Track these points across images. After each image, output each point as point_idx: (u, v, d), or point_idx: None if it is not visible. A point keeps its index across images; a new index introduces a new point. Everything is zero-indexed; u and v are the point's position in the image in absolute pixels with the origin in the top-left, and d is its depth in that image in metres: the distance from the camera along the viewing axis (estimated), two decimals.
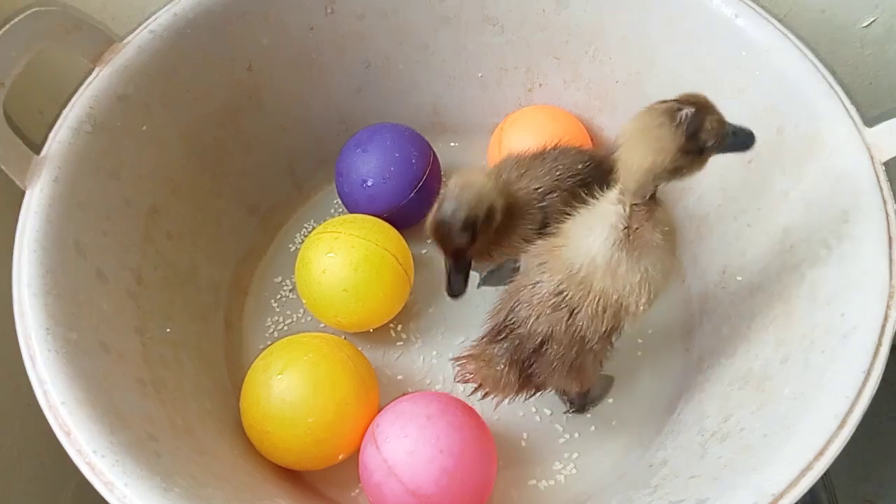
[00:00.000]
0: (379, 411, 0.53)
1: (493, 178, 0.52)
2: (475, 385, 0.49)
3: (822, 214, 0.48)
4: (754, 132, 0.41)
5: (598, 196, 0.45)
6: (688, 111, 0.38)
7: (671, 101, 0.39)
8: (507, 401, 0.49)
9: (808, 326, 0.46)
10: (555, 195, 0.53)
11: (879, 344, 0.40)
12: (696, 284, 0.63)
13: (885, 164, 0.47)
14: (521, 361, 0.47)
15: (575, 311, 0.44)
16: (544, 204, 0.53)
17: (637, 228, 0.42)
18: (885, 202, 0.45)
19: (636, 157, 0.39)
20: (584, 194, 0.46)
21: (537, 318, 0.45)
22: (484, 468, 0.50)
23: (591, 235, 0.44)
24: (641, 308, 0.44)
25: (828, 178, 0.48)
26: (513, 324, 0.46)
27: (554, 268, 0.45)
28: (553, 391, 0.56)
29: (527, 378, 0.47)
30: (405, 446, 0.48)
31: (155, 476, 0.39)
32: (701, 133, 0.38)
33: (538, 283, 0.45)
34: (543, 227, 0.53)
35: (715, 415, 0.50)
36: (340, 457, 0.53)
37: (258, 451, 0.54)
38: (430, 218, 0.49)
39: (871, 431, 0.74)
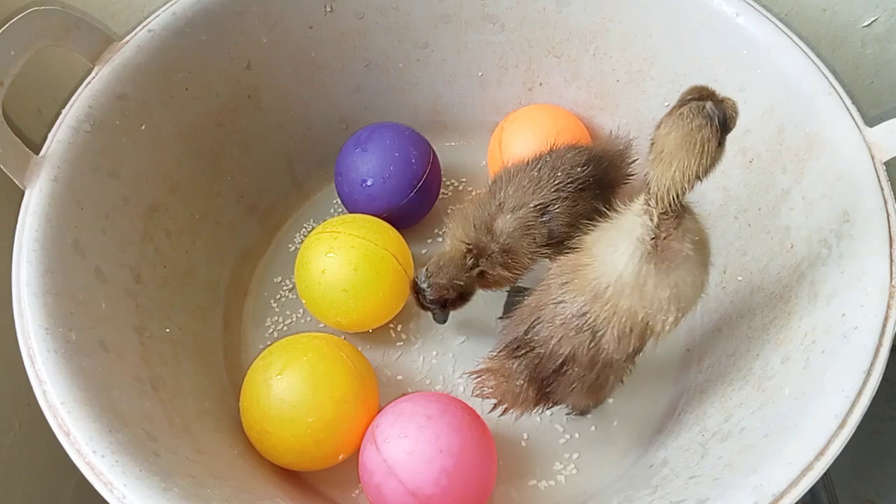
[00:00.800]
0: (379, 411, 0.53)
1: (470, 232, 0.53)
2: (494, 400, 0.48)
3: (823, 214, 0.48)
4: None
5: (618, 208, 0.43)
6: (712, 105, 0.38)
7: (688, 101, 0.38)
8: (524, 415, 0.49)
9: (809, 326, 0.46)
10: (556, 206, 0.53)
11: (880, 344, 0.40)
12: None
13: (886, 163, 0.47)
14: (540, 379, 0.46)
15: (599, 334, 0.43)
16: (546, 218, 0.53)
17: (665, 238, 0.41)
18: (885, 202, 0.45)
19: (681, 166, 0.38)
20: (599, 205, 0.46)
21: (559, 339, 0.44)
22: (484, 468, 0.50)
23: (617, 252, 0.42)
24: (668, 328, 0.43)
25: (828, 178, 0.48)
26: (533, 342, 0.46)
27: (578, 288, 0.44)
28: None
29: (545, 395, 0.47)
30: (405, 446, 0.48)
31: (154, 476, 0.39)
32: (728, 121, 0.38)
33: (561, 302, 0.44)
34: (550, 239, 0.53)
35: (715, 415, 0.49)
36: (340, 457, 0.53)
37: (258, 451, 0.54)
38: (412, 280, 0.55)
39: (871, 431, 0.74)
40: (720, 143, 0.38)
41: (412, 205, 0.64)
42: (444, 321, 0.57)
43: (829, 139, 0.48)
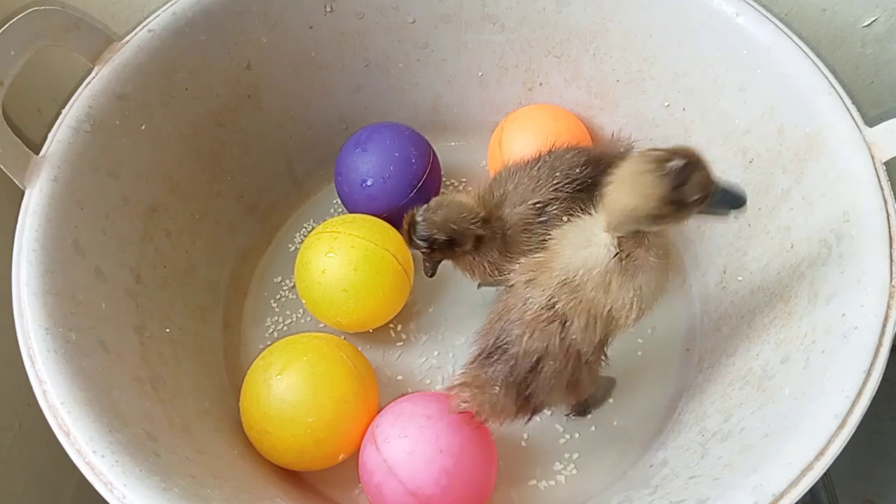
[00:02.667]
0: (379, 411, 0.53)
1: (482, 203, 0.53)
2: (472, 412, 0.48)
3: (823, 214, 0.48)
4: (747, 195, 0.42)
5: (590, 211, 0.45)
6: (677, 163, 0.38)
7: (665, 150, 0.39)
8: (503, 425, 0.48)
9: (809, 326, 0.46)
10: (554, 207, 0.53)
11: (880, 344, 0.40)
12: (697, 284, 0.63)
13: (886, 163, 0.47)
14: (517, 383, 0.46)
15: (567, 323, 0.44)
16: (544, 218, 0.53)
17: (629, 255, 0.43)
18: (885, 202, 0.45)
19: (621, 199, 0.40)
20: (580, 208, 0.47)
21: (531, 334, 0.44)
22: (484, 468, 0.50)
23: (587, 248, 0.44)
24: (630, 322, 0.44)
25: (828, 178, 0.48)
26: (505, 344, 0.45)
27: (544, 282, 0.45)
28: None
29: (525, 400, 0.46)
30: (405, 446, 0.48)
31: (154, 476, 0.39)
32: (686, 186, 0.39)
33: (528, 299, 0.45)
34: (545, 239, 0.53)
35: (715, 415, 0.49)
36: (340, 457, 0.53)
37: (258, 451, 0.54)
38: (408, 213, 0.53)
39: (871, 431, 0.74)
40: (669, 201, 0.39)
41: (412, 205, 0.63)
42: (433, 273, 0.56)
43: (829, 139, 0.48)
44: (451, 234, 0.52)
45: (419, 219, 0.52)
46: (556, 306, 0.44)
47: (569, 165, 0.54)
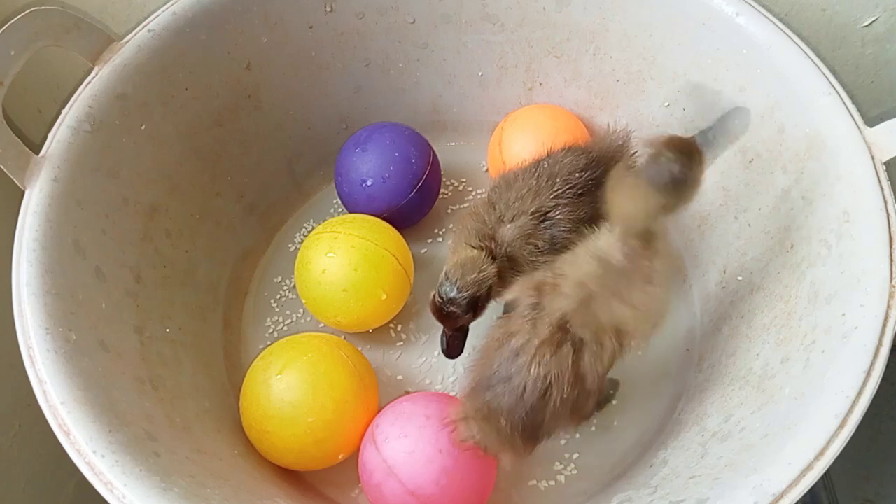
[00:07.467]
0: (379, 411, 0.53)
1: (482, 221, 0.52)
2: (478, 447, 0.46)
3: (823, 214, 0.48)
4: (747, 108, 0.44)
5: (589, 230, 0.45)
6: (665, 159, 0.41)
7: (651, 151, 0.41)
8: (511, 461, 0.46)
9: (809, 326, 0.46)
10: (557, 213, 0.52)
11: (880, 344, 0.40)
12: (697, 284, 0.63)
13: (886, 163, 0.47)
14: (524, 415, 0.43)
15: (580, 345, 0.43)
16: (547, 224, 0.52)
17: (635, 265, 0.43)
18: (885, 202, 0.45)
19: (633, 204, 0.42)
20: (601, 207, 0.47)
21: (540, 360, 0.42)
22: (484, 468, 0.50)
23: (594, 264, 0.43)
24: (646, 333, 0.45)
25: (828, 178, 0.48)
26: (508, 373, 0.43)
27: (554, 304, 0.43)
28: None
29: (532, 432, 0.44)
30: (405, 446, 0.48)
31: (154, 476, 0.39)
32: (683, 177, 0.41)
33: (537, 321, 0.43)
34: (553, 246, 0.52)
35: (715, 414, 0.50)
36: (340, 457, 0.53)
37: (258, 450, 0.54)
38: (432, 301, 0.51)
39: (871, 431, 0.74)
40: (676, 191, 0.41)
41: (412, 205, 0.64)
42: (462, 350, 0.53)
43: (829, 139, 0.48)
44: (488, 283, 0.50)
45: (453, 294, 0.49)
46: (569, 327, 0.43)
47: (568, 171, 0.54)
